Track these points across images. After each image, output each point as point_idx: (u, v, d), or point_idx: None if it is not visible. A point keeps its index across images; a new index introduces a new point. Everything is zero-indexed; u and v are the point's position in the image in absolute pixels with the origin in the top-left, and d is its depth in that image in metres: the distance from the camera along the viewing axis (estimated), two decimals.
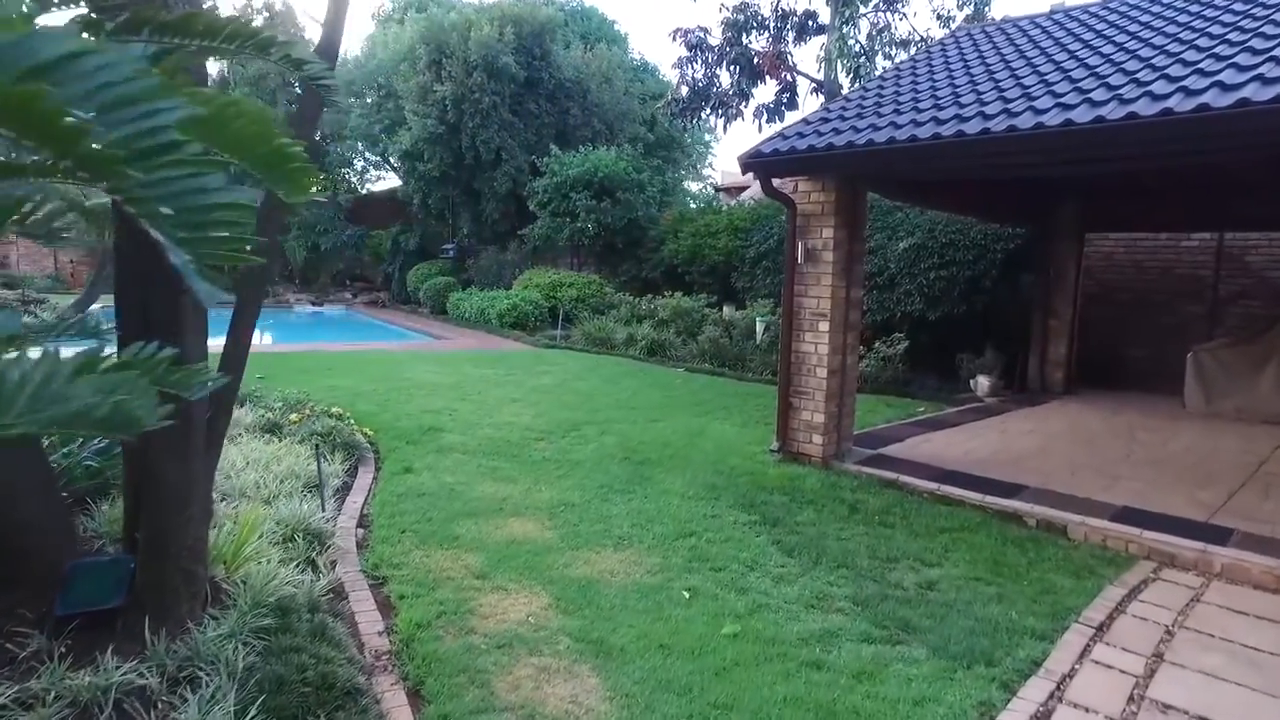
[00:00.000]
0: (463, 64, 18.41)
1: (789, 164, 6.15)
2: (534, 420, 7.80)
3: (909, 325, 10.97)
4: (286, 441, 6.28)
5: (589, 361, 12.11)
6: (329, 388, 8.76)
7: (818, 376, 6.56)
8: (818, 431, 6.57)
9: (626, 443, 7.08)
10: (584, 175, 17.31)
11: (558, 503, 5.43)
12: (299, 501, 4.88)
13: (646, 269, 17.29)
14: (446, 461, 6.29)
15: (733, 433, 7.69)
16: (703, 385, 10.38)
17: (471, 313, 17.89)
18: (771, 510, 5.45)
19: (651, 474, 6.20)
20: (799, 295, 6.63)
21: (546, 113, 20.29)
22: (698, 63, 14.21)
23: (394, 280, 24.85)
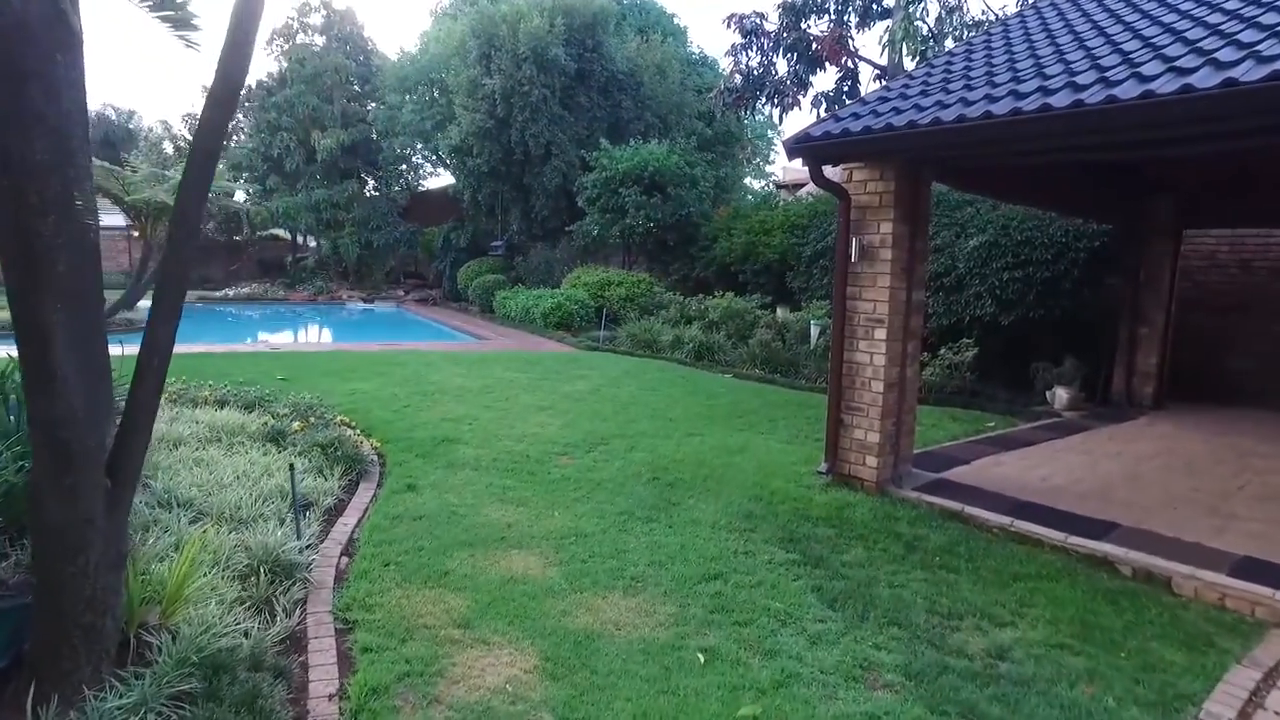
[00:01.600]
0: (512, 56, 17.96)
1: (842, 148, 5.39)
2: (559, 432, 7.19)
3: (978, 330, 10.03)
4: (286, 453, 5.81)
5: (630, 366, 11.47)
6: (350, 392, 8.32)
7: (872, 390, 5.78)
8: (871, 453, 5.80)
9: (657, 460, 6.42)
10: (634, 170, 16.69)
11: (569, 532, 4.79)
12: (274, 526, 4.37)
13: (698, 268, 16.59)
14: (455, 479, 5.72)
15: (777, 450, 6.95)
16: (750, 393, 9.64)
17: (516, 312, 17.44)
18: (814, 547, 4.72)
19: (680, 498, 5.52)
20: (852, 298, 5.87)
21: (598, 106, 19.72)
22: (753, 49, 13.43)
23: (445, 277, 24.66)
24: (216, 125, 2.68)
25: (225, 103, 2.65)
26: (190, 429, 6.15)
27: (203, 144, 2.68)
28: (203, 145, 2.68)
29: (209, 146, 2.69)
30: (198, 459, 5.52)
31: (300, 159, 25.77)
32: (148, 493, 4.75)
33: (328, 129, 25.18)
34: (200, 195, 2.75)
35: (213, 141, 2.71)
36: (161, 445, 5.74)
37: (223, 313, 22.15)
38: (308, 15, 26.60)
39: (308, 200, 25.35)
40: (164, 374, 2.91)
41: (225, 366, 9.51)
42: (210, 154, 2.67)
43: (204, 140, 2.68)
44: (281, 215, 25.91)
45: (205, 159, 2.67)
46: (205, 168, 2.68)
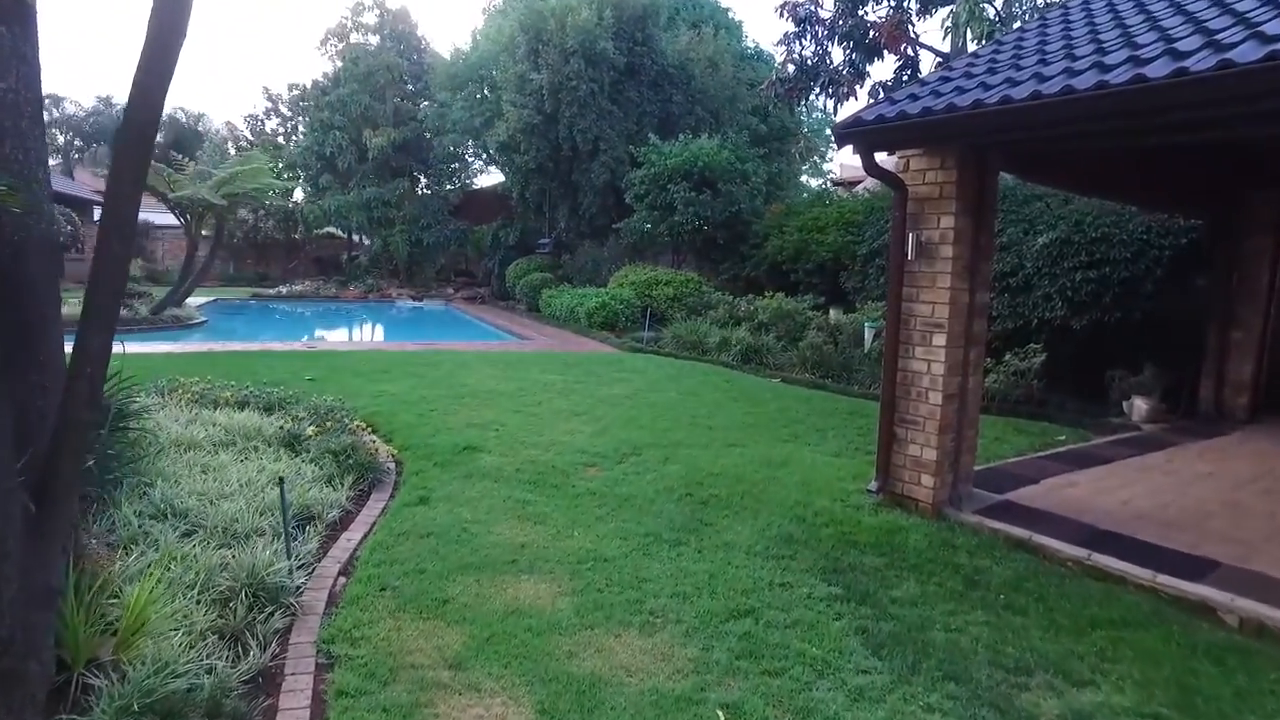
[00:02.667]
0: (560, 51, 17.64)
1: (898, 133, 4.83)
2: (590, 440, 6.77)
3: (1047, 334, 9.29)
4: (299, 460, 5.51)
5: (673, 368, 10.99)
6: (377, 394, 8.03)
7: (930, 402, 5.22)
8: (928, 471, 5.23)
9: (692, 474, 5.94)
10: (682, 165, 16.22)
11: (587, 555, 4.36)
12: (269, 542, 4.04)
13: (749, 267, 16.04)
14: (472, 490, 5.34)
15: (824, 464, 6.40)
16: (798, 400, 9.08)
17: (561, 311, 17.12)
18: (860, 579, 4.20)
19: (714, 518, 5.04)
20: (908, 300, 5.31)
21: (648, 100, 19.29)
22: (807, 38, 12.83)
23: (494, 276, 24.54)
24: (151, 98, 2.31)
25: (159, 72, 2.28)
26: (206, 432, 5.91)
27: (136, 116, 2.31)
28: (136, 118, 2.31)
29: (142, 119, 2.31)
30: (206, 464, 5.26)
31: (352, 157, 25.96)
32: (145, 501, 4.50)
33: (379, 127, 25.29)
34: (134, 182, 2.38)
35: (145, 114, 2.33)
36: (174, 449, 5.51)
37: (274, 310, 22.37)
38: (361, 15, 26.79)
39: (359, 198, 25.50)
40: (99, 386, 2.56)
41: (257, 366, 9.35)
42: (144, 133, 2.30)
43: (137, 113, 2.31)
44: (333, 213, 26.13)
45: (139, 138, 2.30)
46: (139, 150, 2.31)
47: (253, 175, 14.17)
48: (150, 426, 5.79)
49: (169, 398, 6.78)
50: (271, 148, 27.47)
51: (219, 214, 14.93)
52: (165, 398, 6.79)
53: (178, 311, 14.58)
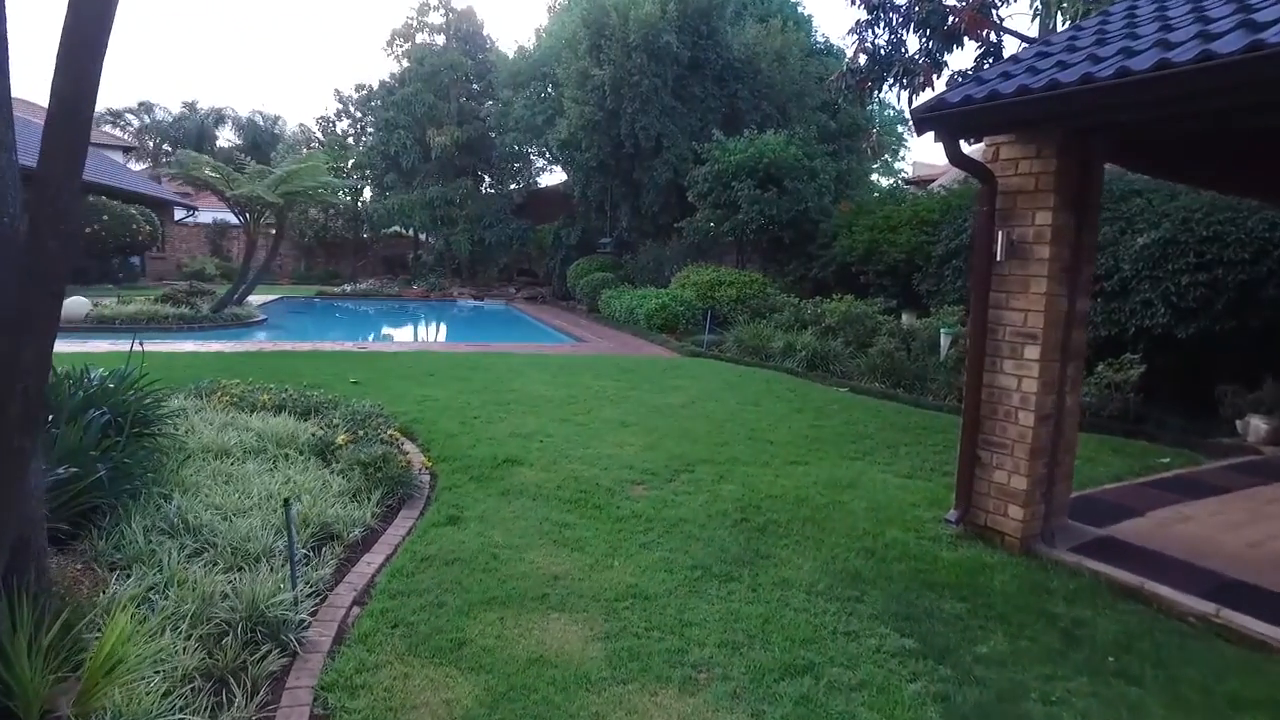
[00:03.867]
0: (622, 46, 17.24)
1: (988, 116, 4.22)
2: (639, 454, 6.30)
3: (1146, 344, 8.43)
4: (328, 471, 5.20)
5: (733, 375, 10.43)
6: (420, 399, 7.72)
7: (1019, 423, 4.59)
8: (1016, 501, 4.60)
9: (749, 495, 5.42)
10: (748, 162, 15.63)
11: (626, 591, 3.88)
12: (279, 566, 3.69)
13: (816, 267, 15.36)
14: (508, 509, 4.93)
15: (895, 487, 5.80)
16: (867, 412, 8.44)
17: (621, 312, 16.71)
18: (938, 629, 3.63)
19: (772, 549, 4.52)
20: (996, 306, 4.69)
21: (712, 96, 18.73)
22: (880, 26, 12.09)
23: (555, 275, 24.33)
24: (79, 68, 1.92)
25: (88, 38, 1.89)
26: (238, 437, 5.66)
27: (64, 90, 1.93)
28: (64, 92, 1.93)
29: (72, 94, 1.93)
30: (232, 474, 4.98)
31: (416, 157, 26.09)
32: (159, 515, 4.22)
33: (443, 126, 25.34)
34: (69, 168, 2.00)
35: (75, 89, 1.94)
36: (202, 456, 5.26)
37: (335, 308, 22.60)
38: (426, 15, 26.91)
39: (422, 197, 25.61)
40: (36, 405, 2.18)
41: (303, 367, 9.17)
42: (75, 110, 1.92)
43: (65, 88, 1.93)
44: (396, 212, 26.33)
45: (69, 116, 1.92)
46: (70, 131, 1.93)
47: (310, 173, 14.18)
48: (181, 431, 5.59)
49: (208, 400, 6.59)
50: (338, 148, 27.85)
51: (278, 212, 15.01)
52: (204, 400, 6.60)
53: (237, 310, 14.68)
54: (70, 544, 3.86)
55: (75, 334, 11.44)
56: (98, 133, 35.51)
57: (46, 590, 2.77)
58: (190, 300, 14.19)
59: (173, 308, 13.52)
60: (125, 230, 21.61)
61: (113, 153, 31.88)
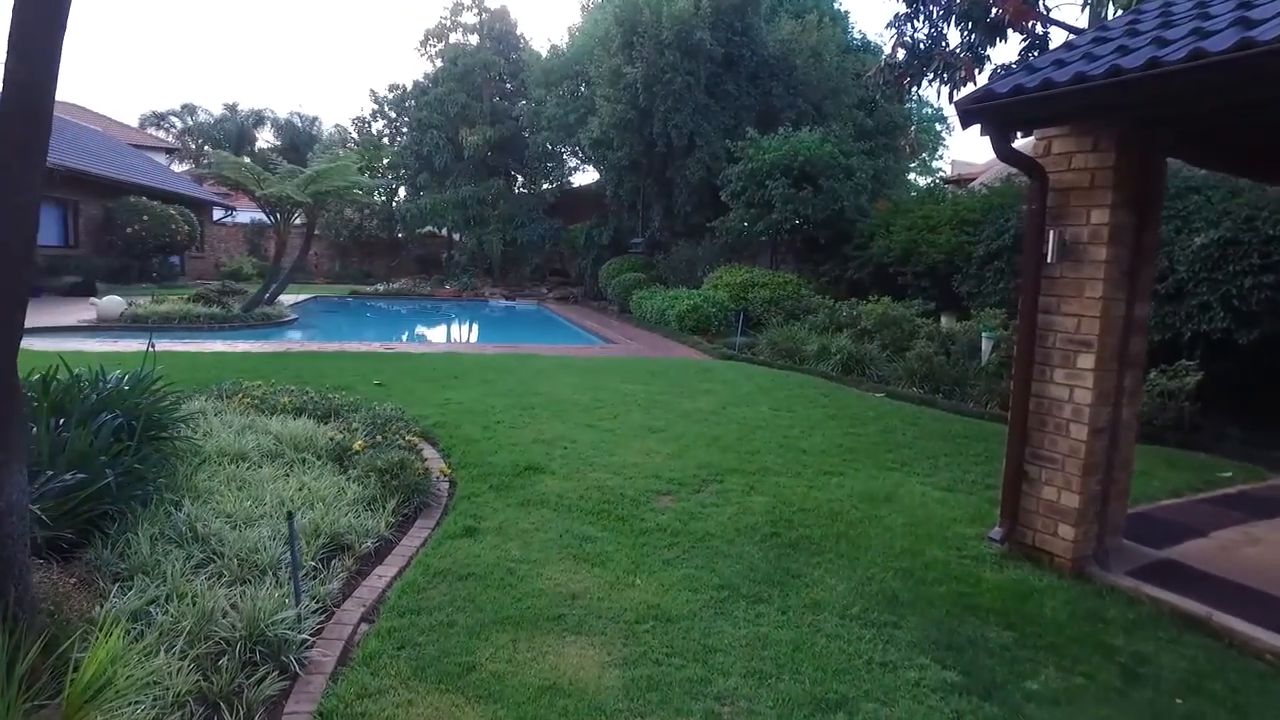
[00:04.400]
0: (654, 42, 17.01)
1: (1040, 107, 3.92)
2: (666, 462, 6.07)
3: (1203, 349, 8.00)
4: (345, 477, 5.05)
5: (765, 379, 10.14)
6: (443, 402, 7.56)
7: (1071, 436, 4.28)
8: (1067, 520, 4.29)
9: (780, 508, 5.16)
10: (782, 160, 15.31)
11: (648, 612, 3.66)
12: (281, 583, 3.53)
13: (852, 268, 14.99)
14: (527, 520, 4.73)
15: (935, 501, 5.50)
16: (904, 419, 8.11)
17: (652, 313, 16.48)
18: (984, 661, 3.35)
19: (803, 567, 4.26)
20: (1046, 311, 4.38)
21: (746, 93, 18.41)
22: (919, 19, 11.72)
23: (586, 275, 24.19)
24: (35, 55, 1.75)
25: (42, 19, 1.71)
26: (256, 441, 5.54)
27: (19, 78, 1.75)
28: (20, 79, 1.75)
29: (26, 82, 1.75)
30: (246, 479, 4.85)
31: (449, 156, 26.12)
32: (169, 522, 4.09)
33: (476, 126, 25.34)
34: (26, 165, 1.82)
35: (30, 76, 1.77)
36: (218, 460, 5.15)
37: (367, 308, 22.68)
38: (460, 15, 26.93)
39: (455, 197, 25.63)
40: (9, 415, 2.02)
41: (328, 368, 9.09)
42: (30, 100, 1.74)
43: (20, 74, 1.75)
44: (429, 212, 26.38)
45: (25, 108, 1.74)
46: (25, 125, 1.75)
47: (340, 173, 14.17)
48: (198, 434, 5.48)
49: (228, 402, 6.50)
50: (372, 148, 28.00)
51: (309, 211, 15.03)
52: (225, 402, 6.51)
53: (268, 309, 14.72)
54: (75, 552, 3.74)
55: (109, 333, 11.53)
56: (141, 135, 36.23)
57: (30, 609, 2.62)
58: (222, 300, 14.26)
59: (204, 307, 13.59)
60: (164, 230, 21.91)
61: (156, 154, 32.43)
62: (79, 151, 22.05)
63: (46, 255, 19.08)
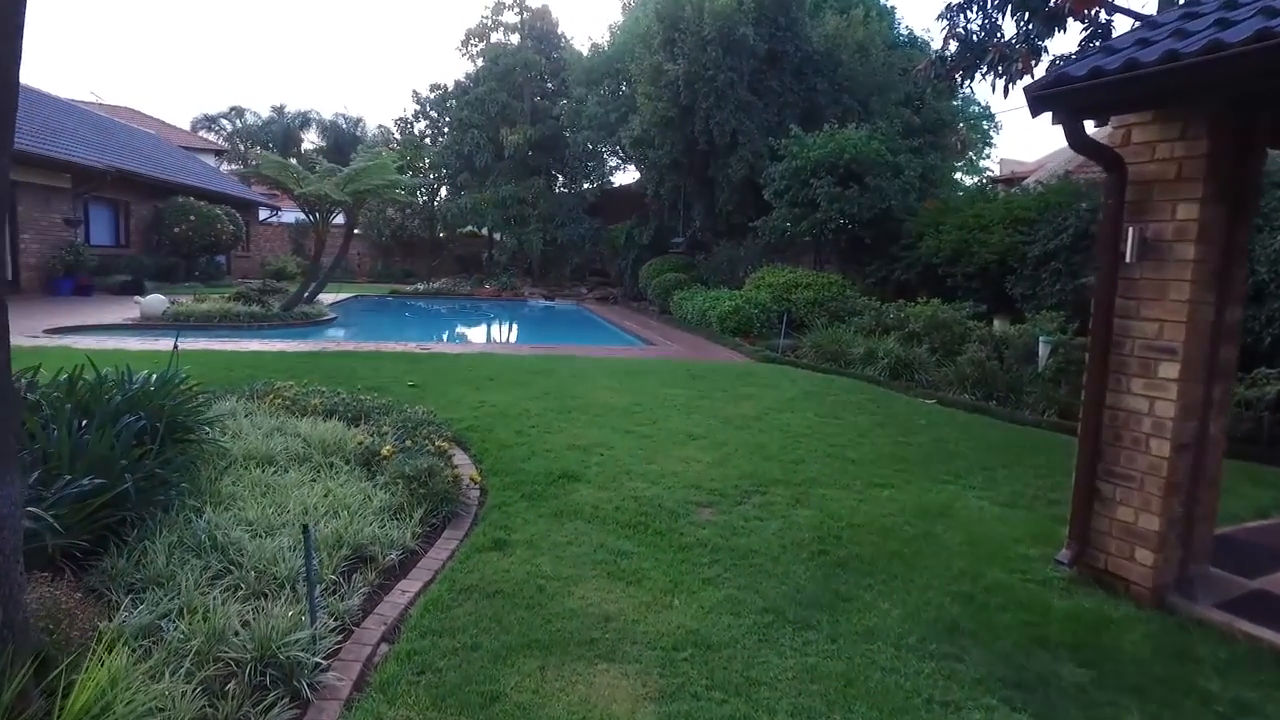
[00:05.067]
0: (696, 39, 16.72)
1: (1122, 90, 3.56)
2: (707, 471, 5.78)
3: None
4: (372, 484, 4.87)
5: (810, 384, 9.79)
6: (478, 404, 7.37)
7: (1151, 453, 3.90)
8: (1146, 543, 3.92)
9: (828, 523, 4.85)
10: (827, 157, 14.92)
11: (686, 638, 3.39)
12: (298, 599, 3.34)
13: (899, 269, 14.53)
14: (560, 533, 4.49)
15: (993, 517, 5.14)
16: (957, 428, 7.73)
17: (693, 314, 16.19)
18: (1058, 704, 3.02)
19: (854, 590, 3.95)
20: (1124, 315, 4.01)
21: (790, 90, 18.02)
22: (973, 9, 11.26)
23: (626, 276, 23.98)
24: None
25: None
26: (285, 444, 5.39)
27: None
28: None
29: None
30: (272, 484, 4.70)
31: (489, 156, 26.11)
32: (189, 530, 3.94)
33: (517, 125, 25.29)
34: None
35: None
36: (244, 464, 5.01)
37: (407, 307, 22.74)
38: (501, 14, 26.92)
39: (495, 196, 25.61)
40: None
41: (362, 368, 8.97)
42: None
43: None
44: (469, 211, 26.41)
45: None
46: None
47: (377, 171, 14.14)
48: (226, 436, 5.35)
49: (259, 403, 6.38)
50: (413, 148, 28.14)
51: (348, 211, 15.04)
52: (256, 403, 6.39)
53: (307, 308, 14.74)
54: (92, 560, 3.60)
55: (149, 331, 11.60)
56: (193, 137, 36.97)
57: (21, 629, 2.44)
58: (262, 299, 14.32)
59: (244, 306, 13.65)
60: (210, 230, 22.23)
61: (205, 156, 33.04)
62: (131, 153, 22.49)
63: (99, 254, 19.46)
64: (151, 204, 22.21)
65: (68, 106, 23.47)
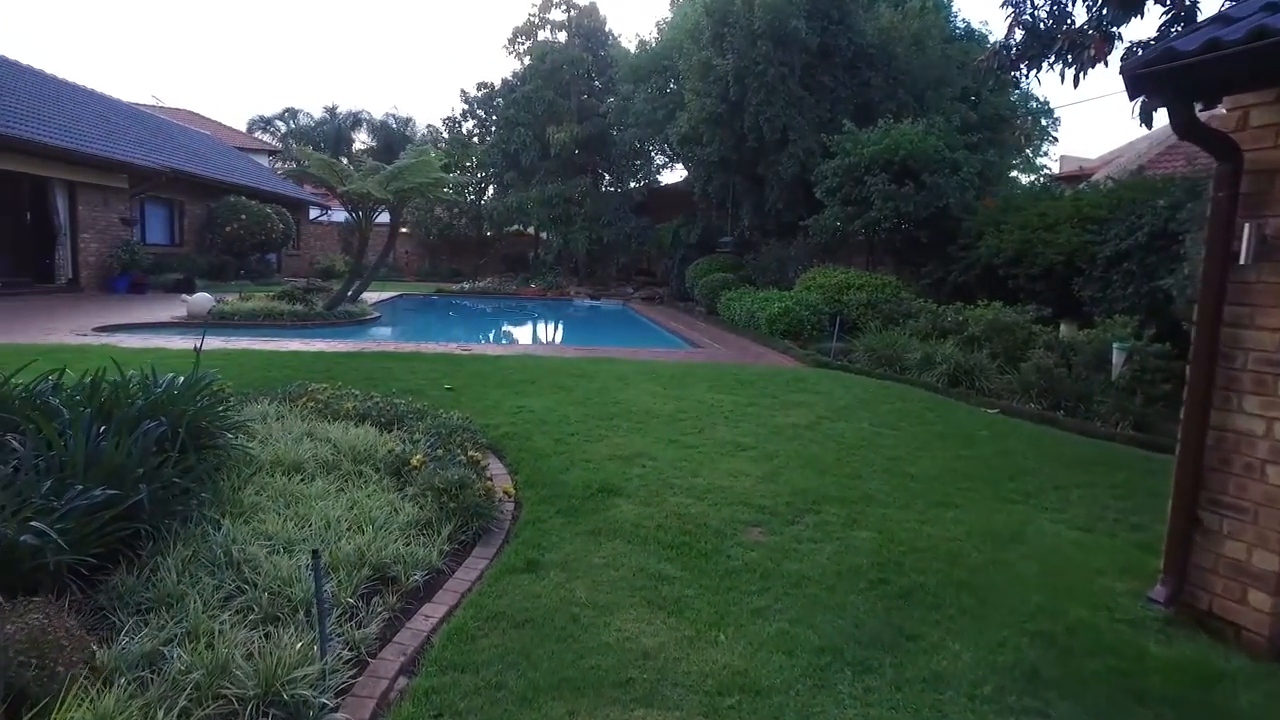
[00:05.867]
0: (746, 33, 16.27)
1: (1249, 63, 3.08)
2: (756, 486, 5.41)
3: None
4: (401, 495, 4.61)
5: (864, 390, 9.31)
6: (516, 409, 7.09)
7: (1269, 481, 3.42)
8: (1263, 585, 3.44)
9: (888, 547, 4.44)
10: (881, 154, 14.37)
11: (734, 680, 3.04)
12: (311, 623, 3.07)
13: (956, 270, 13.91)
14: (597, 554, 4.16)
15: (1071, 543, 4.67)
16: (1023, 440, 7.22)
17: (741, 315, 15.76)
18: None
19: (919, 626, 3.55)
20: (1236, 324, 3.54)
21: (843, 85, 17.46)
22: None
23: (673, 275, 23.63)
24: None
25: None
26: (314, 450, 5.17)
27: None
28: None
29: None
30: (297, 494, 4.47)
31: (535, 154, 26.00)
32: (206, 544, 3.72)
33: (563, 123, 25.12)
34: None
35: None
36: (270, 471, 4.79)
37: (451, 306, 22.71)
38: (548, 11, 26.78)
39: (541, 195, 25.48)
40: None
41: (399, 369, 8.77)
42: None
43: None
44: (515, 210, 26.33)
45: None
46: None
47: (421, 169, 14.00)
48: (254, 442, 5.15)
49: (293, 405, 6.20)
50: (460, 147, 28.17)
51: (392, 209, 14.96)
52: (289, 406, 6.20)
53: (350, 308, 14.69)
54: (101, 576, 3.39)
55: (194, 330, 11.60)
56: (248, 138, 37.67)
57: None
58: (306, 298, 14.31)
59: (288, 305, 13.64)
60: (261, 229, 22.48)
61: (259, 156, 33.59)
62: (186, 154, 22.88)
63: (154, 252, 19.81)
64: (205, 203, 22.56)
65: (127, 109, 23.99)
